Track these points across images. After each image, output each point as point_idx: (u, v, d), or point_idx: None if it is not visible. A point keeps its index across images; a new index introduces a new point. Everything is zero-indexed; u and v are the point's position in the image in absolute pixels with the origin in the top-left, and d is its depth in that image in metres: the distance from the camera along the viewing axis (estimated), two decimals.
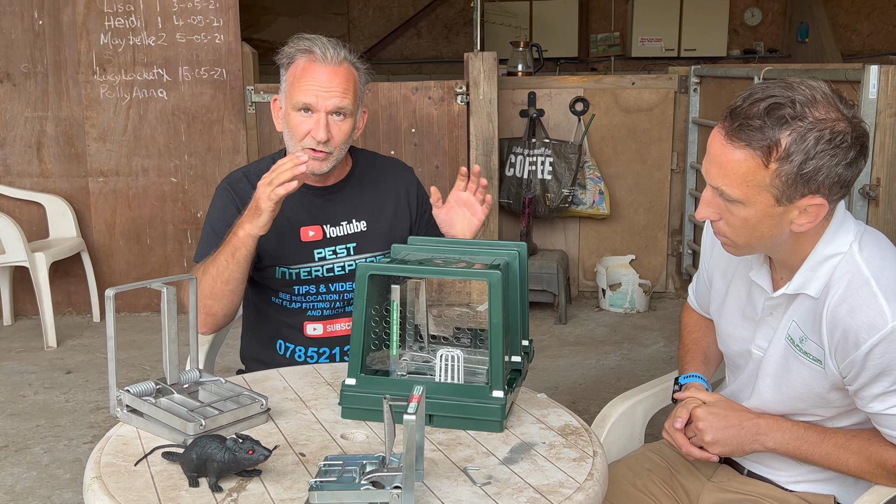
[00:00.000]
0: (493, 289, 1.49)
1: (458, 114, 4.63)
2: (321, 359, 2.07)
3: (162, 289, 1.51)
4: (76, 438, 3.28)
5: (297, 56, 1.96)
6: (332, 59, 1.93)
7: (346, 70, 1.95)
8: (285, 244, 2.02)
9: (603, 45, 8.33)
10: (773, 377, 1.59)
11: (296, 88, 1.94)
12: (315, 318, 2.07)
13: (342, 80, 1.93)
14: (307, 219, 2.05)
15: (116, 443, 1.47)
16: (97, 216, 4.77)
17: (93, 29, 4.57)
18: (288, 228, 2.02)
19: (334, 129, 1.94)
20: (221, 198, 2.05)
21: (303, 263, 2.03)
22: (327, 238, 2.05)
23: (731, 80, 4.41)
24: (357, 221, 2.08)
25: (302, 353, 2.07)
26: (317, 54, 1.93)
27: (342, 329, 2.07)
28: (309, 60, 1.94)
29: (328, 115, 1.93)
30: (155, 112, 4.67)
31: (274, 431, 1.51)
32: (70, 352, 4.26)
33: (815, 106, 1.36)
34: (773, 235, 1.45)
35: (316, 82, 1.92)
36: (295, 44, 1.97)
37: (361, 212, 2.09)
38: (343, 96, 1.93)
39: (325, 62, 1.93)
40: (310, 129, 1.93)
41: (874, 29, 8.25)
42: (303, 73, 1.94)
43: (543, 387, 3.71)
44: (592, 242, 5.12)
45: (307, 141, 1.94)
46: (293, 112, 1.95)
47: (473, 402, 1.51)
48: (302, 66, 1.95)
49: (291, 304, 2.07)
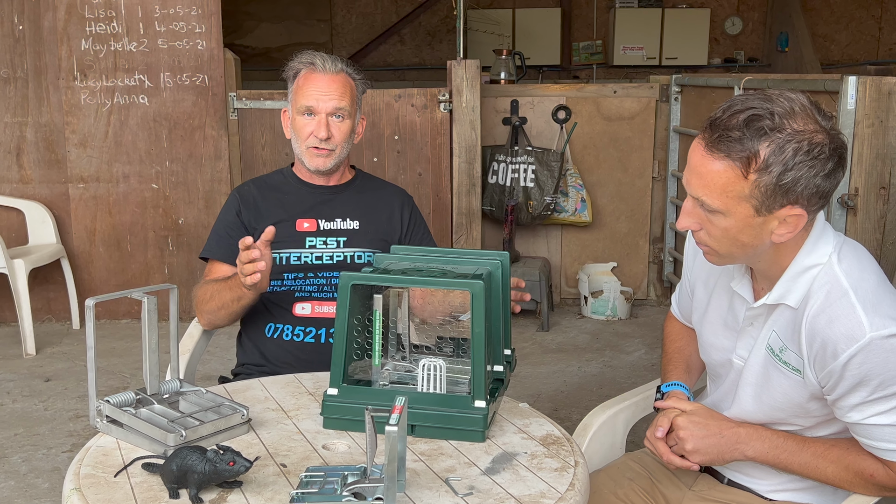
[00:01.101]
0: (475, 299, 1.49)
1: (441, 121, 4.64)
2: (307, 338, 2.16)
3: (143, 298, 1.50)
4: (55, 447, 3.25)
5: (301, 68, 2.21)
6: (331, 69, 2.19)
7: (343, 78, 2.20)
8: (280, 231, 2.15)
9: (585, 54, 8.36)
10: (753, 387, 1.60)
11: (299, 95, 2.19)
12: (304, 299, 2.19)
13: (339, 86, 2.18)
14: (304, 212, 2.24)
15: (96, 454, 1.46)
16: (77, 222, 4.73)
17: (74, 34, 4.54)
18: (286, 217, 2.22)
19: (334, 128, 2.18)
20: (228, 202, 2.30)
21: (293, 249, 2.19)
22: (320, 230, 2.23)
23: (711, 89, 4.44)
24: (351, 220, 2.25)
25: (289, 331, 2.17)
26: (317, 65, 2.19)
27: (329, 312, 2.17)
28: (310, 71, 2.20)
29: (328, 117, 2.17)
30: (136, 118, 4.64)
31: (255, 442, 1.50)
32: (49, 359, 4.23)
33: (794, 118, 1.37)
34: (753, 245, 1.46)
35: (316, 88, 2.17)
36: (298, 59, 2.23)
37: (356, 213, 2.27)
38: (340, 99, 2.17)
39: (324, 71, 2.18)
40: (312, 129, 2.18)
41: (852, 39, 8.34)
42: (305, 82, 2.19)
43: (525, 394, 3.71)
44: (574, 250, 5.14)
45: (311, 140, 2.18)
46: (298, 116, 2.20)
47: (455, 412, 1.52)
48: (304, 75, 2.20)
49: (281, 287, 2.20)
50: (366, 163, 4.63)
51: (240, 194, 2.29)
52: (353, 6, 8.59)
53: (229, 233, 2.22)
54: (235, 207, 2.25)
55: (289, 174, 2.32)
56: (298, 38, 8.56)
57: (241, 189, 2.31)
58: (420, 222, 2.38)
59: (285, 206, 2.25)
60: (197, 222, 4.74)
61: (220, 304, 2.11)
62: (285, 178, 2.31)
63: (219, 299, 2.11)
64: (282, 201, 2.26)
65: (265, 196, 2.27)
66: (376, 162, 4.66)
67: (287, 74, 2.24)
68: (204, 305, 2.15)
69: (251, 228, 2.21)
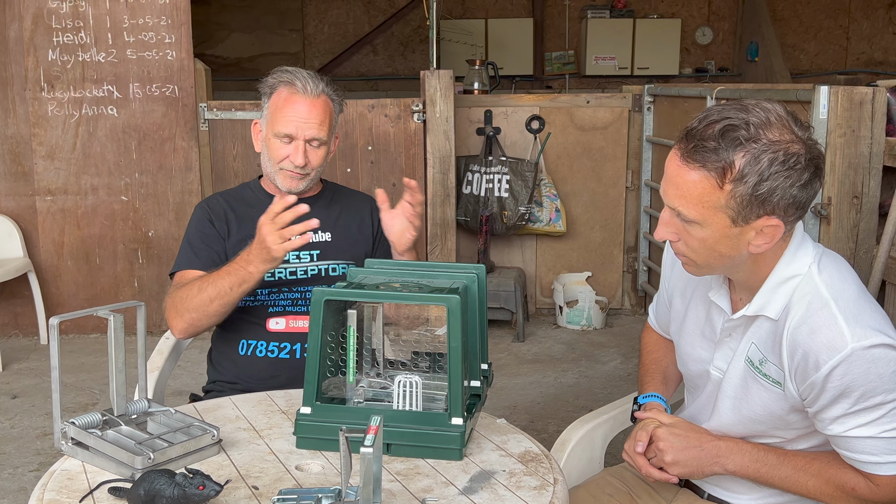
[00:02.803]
0: (451, 313, 1.46)
1: (414, 132, 4.61)
2: (281, 354, 2.10)
3: (109, 317, 1.46)
4: (21, 466, 3.17)
5: (280, 87, 2.13)
6: (312, 91, 2.11)
7: (323, 102, 2.13)
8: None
9: (558, 63, 8.39)
10: (732, 399, 1.58)
11: (278, 118, 2.10)
12: (278, 314, 2.13)
13: (320, 112, 2.11)
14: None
15: (60, 478, 1.41)
16: (45, 236, 4.65)
17: (40, 44, 4.47)
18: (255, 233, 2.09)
19: (311, 154, 2.12)
20: (197, 215, 2.20)
21: None
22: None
23: (684, 99, 4.45)
24: (323, 233, 2.20)
25: (263, 348, 2.11)
26: (298, 87, 2.10)
27: (305, 326, 2.11)
28: (291, 92, 2.11)
29: (306, 143, 2.10)
30: (105, 129, 4.57)
31: (226, 463, 1.46)
32: (16, 375, 4.14)
33: (770, 128, 1.37)
34: (730, 256, 1.45)
35: (296, 113, 2.09)
36: (277, 75, 2.14)
37: (327, 225, 2.21)
38: (320, 128, 2.11)
39: (305, 94, 2.10)
40: (288, 154, 2.10)
41: (821, 49, 8.45)
42: (285, 104, 2.10)
43: (502, 406, 3.68)
44: (549, 260, 5.13)
45: (285, 164, 2.12)
46: (274, 138, 2.11)
47: (432, 429, 1.48)
48: (284, 96, 2.11)
49: (254, 302, 2.14)
50: (339, 174, 4.59)
51: (209, 206, 2.20)
52: (325, 16, 8.56)
53: (208, 243, 2.12)
54: (207, 217, 2.16)
55: (256, 188, 2.26)
56: (270, 48, 8.52)
57: (209, 201, 2.23)
58: None
59: (255, 221, 2.11)
60: (167, 234, 4.67)
61: (213, 294, 1.94)
62: (253, 192, 2.25)
63: (212, 290, 1.94)
64: (251, 215, 2.15)
65: (234, 209, 2.20)
66: (350, 173, 4.62)
67: (263, 88, 2.16)
68: (186, 303, 1.98)
69: (224, 239, 2.14)
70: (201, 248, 2.12)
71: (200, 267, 2.08)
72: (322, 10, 8.55)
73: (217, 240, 2.14)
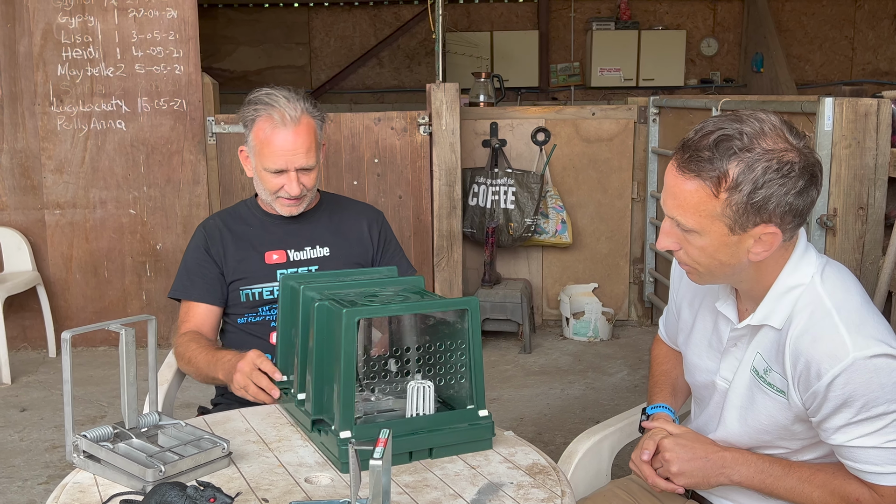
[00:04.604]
0: (472, 313, 1.56)
1: (420, 144, 4.64)
2: None
3: (120, 331, 1.48)
4: (31, 479, 3.18)
5: (259, 120, 2.07)
6: (292, 118, 2.05)
7: (305, 126, 2.08)
8: (250, 266, 2.15)
9: (563, 75, 8.42)
10: (738, 409, 1.59)
11: (265, 154, 2.07)
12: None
13: (305, 140, 2.07)
14: (272, 243, 2.18)
15: (72, 490, 1.42)
16: (53, 249, 4.68)
17: (50, 59, 4.51)
18: (253, 252, 2.17)
19: (304, 179, 2.10)
20: (195, 239, 2.21)
21: (265, 283, 2.14)
22: (290, 261, 2.18)
23: (689, 110, 4.47)
24: (321, 248, 2.20)
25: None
26: (276, 119, 2.05)
27: None
28: (272, 126, 2.05)
29: (297, 172, 2.08)
30: (113, 143, 4.61)
31: (236, 476, 1.47)
32: (25, 388, 4.16)
33: (764, 138, 1.39)
34: (731, 264, 1.47)
35: (282, 147, 2.05)
36: (254, 106, 2.08)
37: (325, 239, 2.21)
38: (308, 155, 2.08)
39: (286, 125, 2.05)
40: (283, 184, 2.09)
41: (826, 59, 8.46)
42: (269, 139, 2.06)
43: (509, 418, 3.69)
44: (555, 271, 5.14)
45: (281, 193, 2.11)
46: (265, 171, 2.10)
47: (466, 426, 1.57)
48: (267, 132, 2.06)
49: (257, 318, 2.17)
50: (346, 186, 4.62)
51: (205, 229, 2.21)
52: (331, 29, 8.61)
53: (202, 271, 2.16)
54: (203, 243, 2.18)
55: (253, 206, 2.25)
56: (277, 61, 8.57)
57: (207, 224, 2.23)
58: (391, 240, 2.33)
59: (252, 240, 2.18)
60: (175, 248, 4.69)
61: (196, 372, 2.03)
62: (250, 210, 2.25)
63: (196, 370, 2.02)
64: (248, 234, 2.20)
65: (231, 229, 2.20)
66: (356, 185, 4.64)
67: (244, 117, 2.11)
68: (181, 362, 2.08)
69: (221, 262, 2.16)
70: (197, 275, 2.16)
71: (195, 297, 2.15)
72: (328, 23, 8.60)
73: (211, 266, 2.16)
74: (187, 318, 2.15)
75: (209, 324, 2.15)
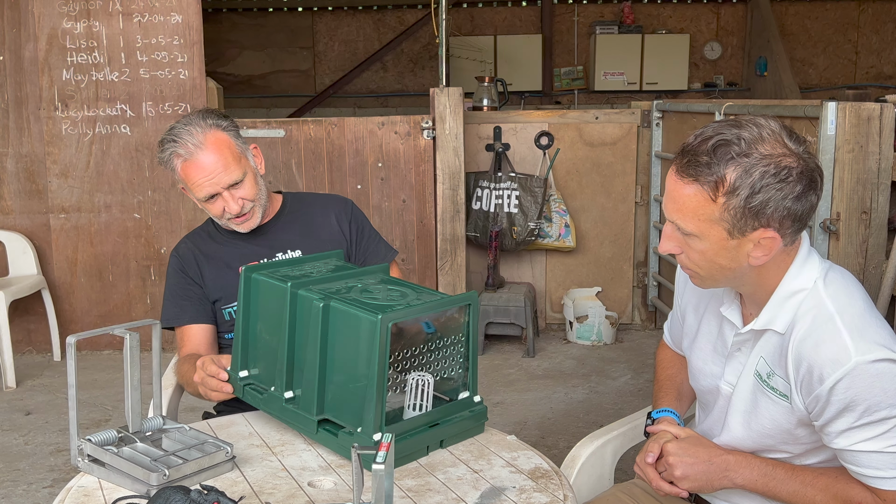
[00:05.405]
0: (473, 307, 1.64)
1: (424, 148, 4.64)
2: None
3: (125, 335, 1.48)
4: (35, 483, 3.19)
5: (172, 160, 2.08)
6: (198, 143, 2.04)
7: (214, 144, 2.06)
8: (226, 286, 2.14)
9: (567, 79, 8.43)
10: (742, 413, 1.60)
11: (193, 188, 2.08)
12: None
13: (218, 157, 2.06)
14: (244, 258, 2.15)
15: (77, 494, 1.43)
16: (58, 253, 4.69)
17: (55, 64, 4.53)
18: (227, 270, 2.15)
19: (241, 193, 2.09)
20: (171, 266, 2.22)
21: None
22: None
23: (692, 114, 4.47)
24: (292, 252, 2.19)
25: None
26: (183, 152, 2.05)
27: None
28: (184, 161, 2.06)
29: (229, 190, 2.08)
30: (118, 148, 4.62)
31: (240, 480, 1.48)
32: (30, 392, 4.17)
33: (762, 143, 1.40)
34: (732, 268, 1.48)
35: (202, 175, 2.05)
36: (163, 147, 2.09)
37: (295, 242, 2.21)
38: (228, 171, 2.06)
39: (195, 154, 2.05)
40: (223, 206, 2.09)
41: (830, 63, 8.46)
42: (189, 173, 2.07)
43: (512, 421, 3.69)
44: (559, 275, 5.14)
45: (227, 214, 2.11)
46: (203, 202, 2.11)
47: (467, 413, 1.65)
48: (182, 167, 2.07)
49: None
50: (350, 190, 4.63)
51: (179, 254, 2.22)
52: (335, 34, 8.63)
53: (186, 294, 2.16)
54: (180, 267, 2.19)
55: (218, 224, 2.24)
56: (281, 65, 8.59)
57: (179, 249, 2.23)
58: (364, 227, 2.30)
59: (224, 258, 2.18)
60: None
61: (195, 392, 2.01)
62: (216, 229, 2.24)
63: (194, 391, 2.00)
64: (220, 253, 2.19)
65: (203, 251, 2.21)
66: (360, 189, 4.65)
67: (161, 163, 2.12)
68: (185, 387, 2.09)
69: (200, 283, 2.17)
70: (183, 300, 2.16)
71: (187, 321, 2.15)
72: (332, 27, 8.62)
73: (194, 287, 2.17)
74: (183, 343, 2.15)
75: (205, 343, 2.15)
